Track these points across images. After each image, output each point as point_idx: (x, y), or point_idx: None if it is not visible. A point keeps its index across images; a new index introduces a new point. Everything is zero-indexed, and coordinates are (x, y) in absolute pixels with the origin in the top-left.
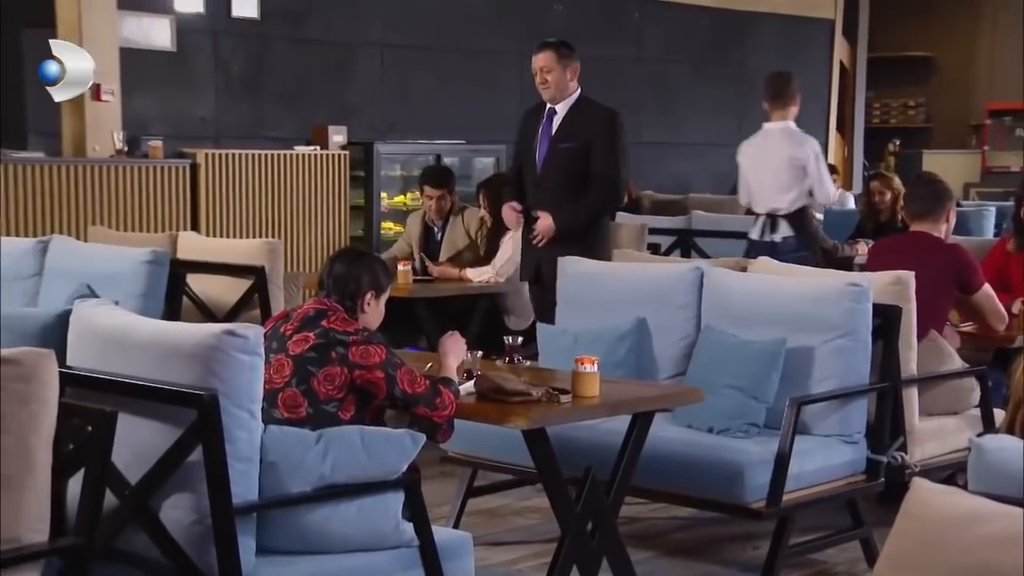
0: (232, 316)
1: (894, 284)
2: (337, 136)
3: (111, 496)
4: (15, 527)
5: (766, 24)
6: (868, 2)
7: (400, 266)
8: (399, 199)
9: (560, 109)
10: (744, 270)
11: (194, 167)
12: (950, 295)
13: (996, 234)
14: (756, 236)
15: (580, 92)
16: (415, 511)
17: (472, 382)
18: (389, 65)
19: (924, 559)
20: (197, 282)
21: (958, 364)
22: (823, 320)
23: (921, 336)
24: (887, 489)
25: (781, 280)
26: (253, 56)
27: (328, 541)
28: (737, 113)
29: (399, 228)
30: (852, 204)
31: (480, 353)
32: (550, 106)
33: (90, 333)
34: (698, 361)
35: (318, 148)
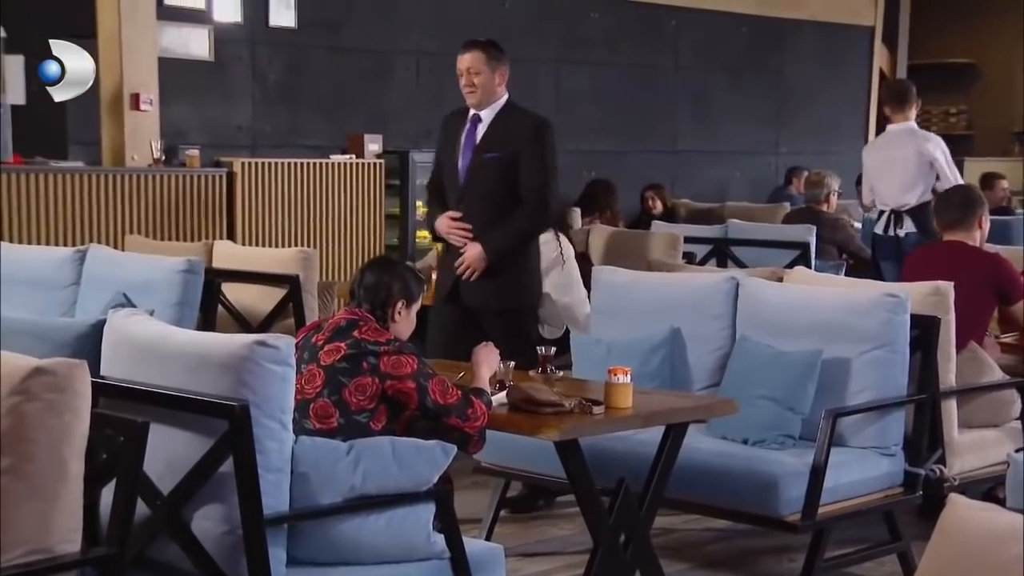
0: (266, 325)
1: (932, 295)
2: (372, 144)
3: (143, 506)
4: (47, 537)
5: (804, 31)
6: (908, 8)
7: (435, 275)
8: None
9: (485, 116)
10: (780, 280)
11: (230, 176)
12: (990, 305)
13: None
14: (881, 231)
15: (507, 98)
16: (446, 523)
17: (504, 393)
18: (425, 73)
19: None
20: (232, 291)
21: (998, 376)
22: (860, 331)
23: (960, 347)
24: (925, 502)
25: (817, 291)
26: (290, 65)
27: (359, 552)
28: (775, 121)
29: None
30: None
31: (513, 363)
32: (474, 112)
33: (124, 343)
34: (733, 372)
35: (353, 156)
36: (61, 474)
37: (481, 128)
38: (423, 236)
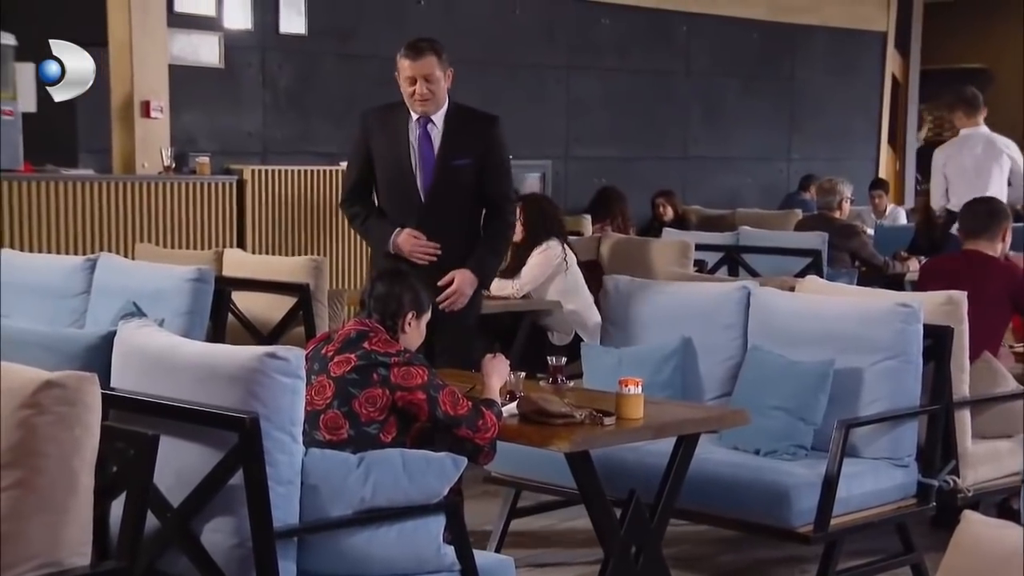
0: (276, 334)
1: (945, 304)
2: None
3: (153, 519)
4: (58, 551)
5: (816, 37)
6: (921, 14)
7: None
8: None
9: (437, 118)
10: (792, 289)
11: (240, 183)
12: (1005, 315)
13: None
14: (956, 231)
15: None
16: (456, 535)
17: (515, 404)
18: None
19: None
20: (242, 299)
21: (1012, 386)
22: (872, 341)
23: (974, 357)
24: (939, 513)
25: (829, 300)
26: (300, 72)
27: (369, 565)
28: (786, 127)
29: None
30: (904, 219)
31: (523, 374)
32: (420, 115)
33: (134, 354)
34: (744, 382)
35: None
36: (71, 487)
37: (435, 132)
38: None
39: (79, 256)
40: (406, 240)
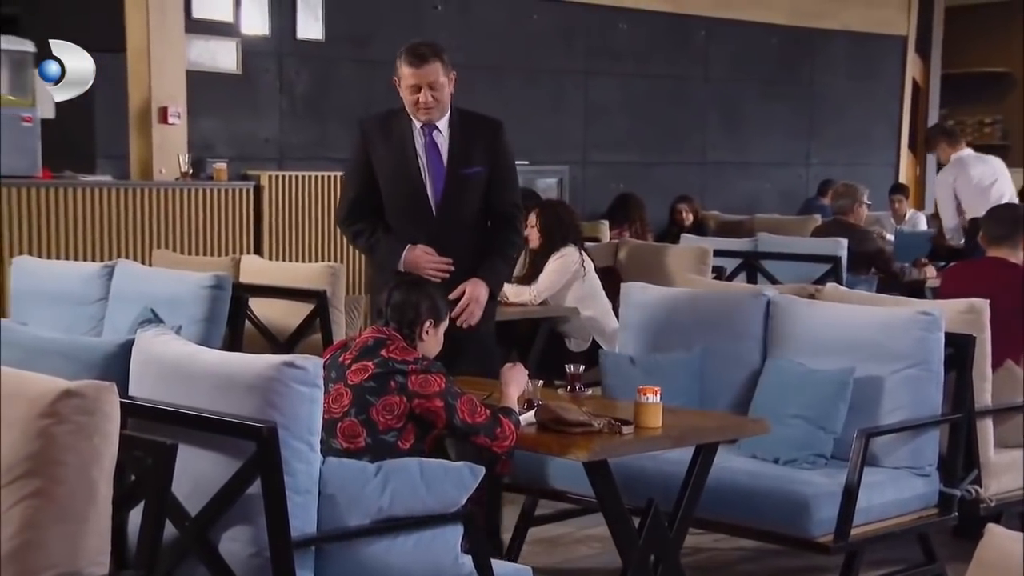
0: (293, 341)
1: (967, 312)
2: None
3: (171, 528)
4: (76, 560)
5: (836, 41)
6: (942, 17)
7: None
8: None
9: (442, 124)
10: (811, 297)
11: (258, 189)
12: None
13: None
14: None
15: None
16: (474, 545)
17: (533, 412)
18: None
19: None
20: (259, 306)
21: None
22: (893, 350)
23: (996, 365)
24: (961, 523)
25: (849, 308)
26: (317, 78)
27: (386, 575)
28: (806, 132)
29: None
30: (924, 224)
31: (541, 382)
32: (424, 123)
33: (152, 363)
34: (764, 390)
35: None
36: (90, 496)
37: (443, 140)
38: None
39: (96, 263)
40: (419, 256)
